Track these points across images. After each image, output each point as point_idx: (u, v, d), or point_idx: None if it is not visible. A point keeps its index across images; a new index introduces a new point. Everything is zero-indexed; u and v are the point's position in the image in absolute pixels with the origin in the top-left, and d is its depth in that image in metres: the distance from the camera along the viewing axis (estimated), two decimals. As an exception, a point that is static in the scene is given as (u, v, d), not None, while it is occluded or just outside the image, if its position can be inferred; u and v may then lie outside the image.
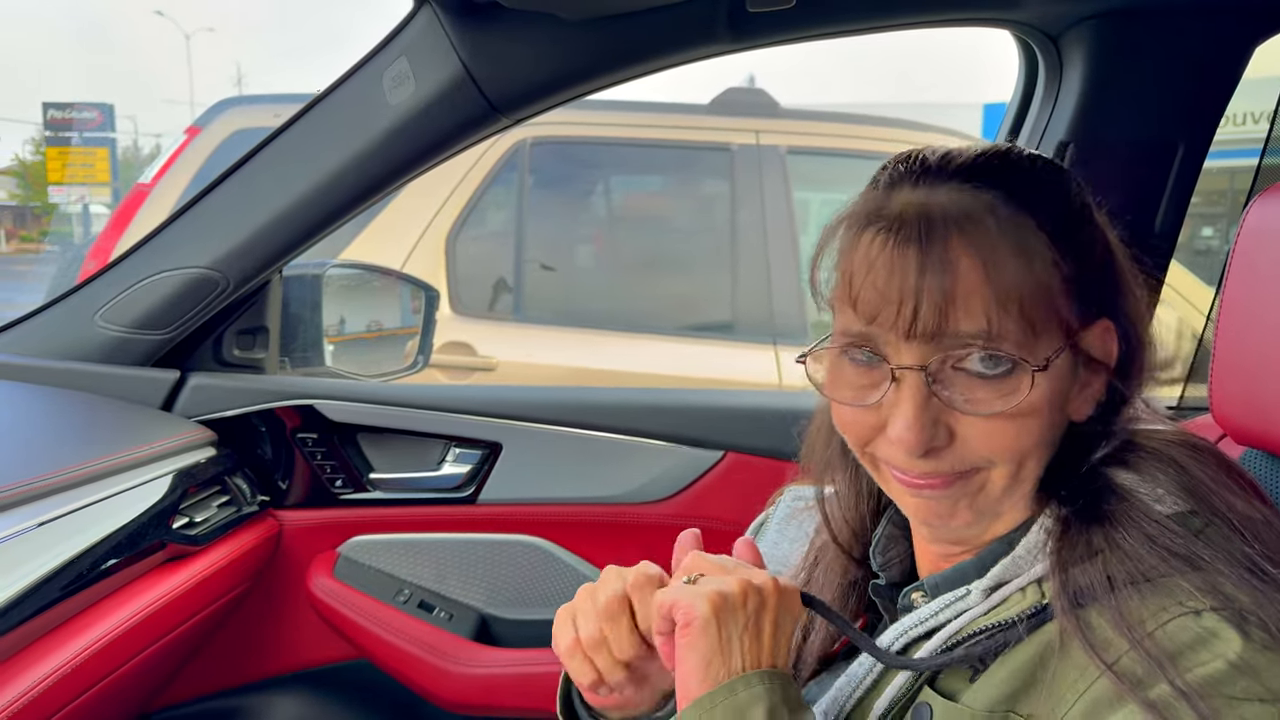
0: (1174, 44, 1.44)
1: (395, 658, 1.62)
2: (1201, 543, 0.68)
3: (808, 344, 0.79)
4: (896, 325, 0.70)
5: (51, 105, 19.65)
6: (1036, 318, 0.71)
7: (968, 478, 0.74)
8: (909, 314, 0.70)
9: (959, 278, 0.69)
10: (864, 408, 0.74)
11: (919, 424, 0.71)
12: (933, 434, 0.71)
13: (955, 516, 0.75)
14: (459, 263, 3.57)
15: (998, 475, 0.73)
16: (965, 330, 0.70)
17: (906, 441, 0.71)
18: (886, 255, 0.71)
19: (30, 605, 1.08)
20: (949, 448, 0.72)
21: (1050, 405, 0.73)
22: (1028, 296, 0.70)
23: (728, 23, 1.36)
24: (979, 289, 0.69)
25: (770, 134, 3.71)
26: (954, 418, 0.72)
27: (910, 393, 0.71)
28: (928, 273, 0.69)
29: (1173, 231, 1.52)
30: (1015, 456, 0.73)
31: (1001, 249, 0.70)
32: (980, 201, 0.72)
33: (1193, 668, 0.62)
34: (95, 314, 1.59)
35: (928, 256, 0.70)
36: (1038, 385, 0.71)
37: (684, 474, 1.65)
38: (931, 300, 0.69)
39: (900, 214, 0.72)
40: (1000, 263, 0.70)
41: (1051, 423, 0.74)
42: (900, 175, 0.77)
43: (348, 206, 1.51)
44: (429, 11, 1.38)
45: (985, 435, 0.72)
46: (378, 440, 1.68)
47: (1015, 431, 0.72)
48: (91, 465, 1.29)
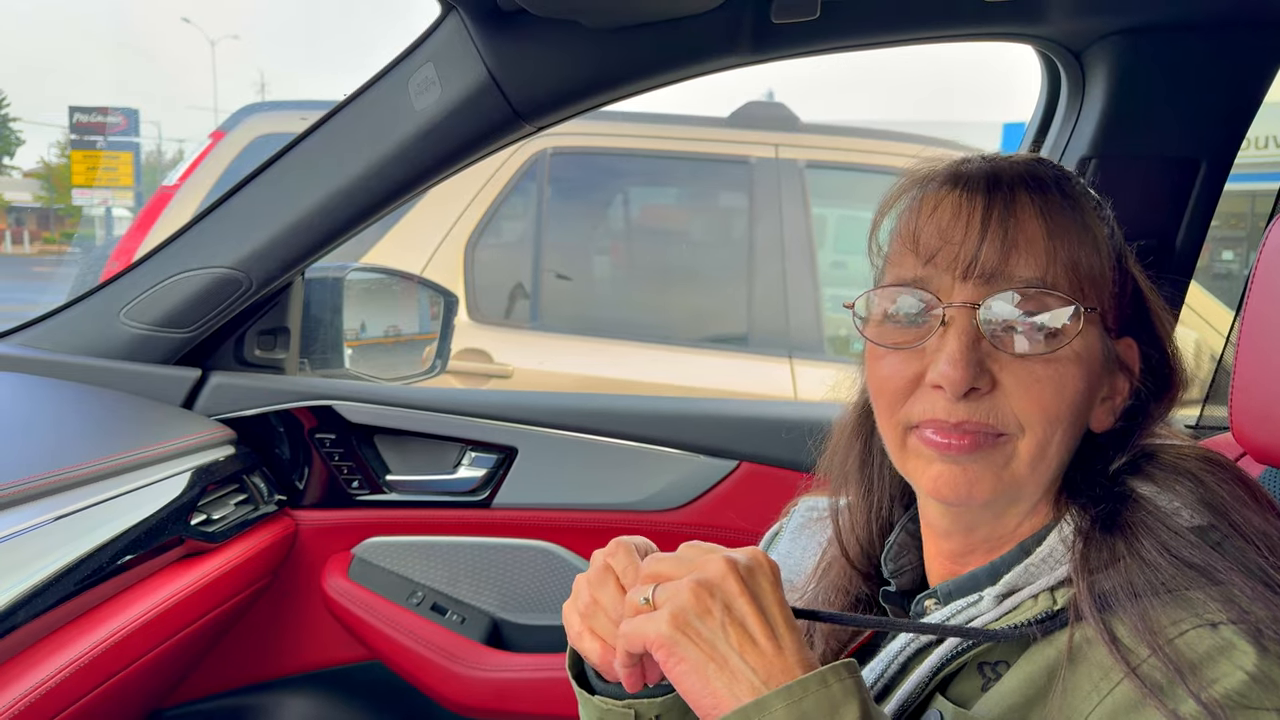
0: (1198, 60, 1.44)
1: (407, 659, 1.63)
2: (1219, 556, 0.69)
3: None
4: (955, 264, 0.73)
5: (77, 109, 19.93)
6: (1087, 284, 0.73)
7: (996, 445, 0.73)
8: (969, 253, 0.73)
9: (1022, 226, 0.73)
10: (907, 354, 0.75)
11: (964, 360, 0.71)
12: (976, 374, 0.72)
13: (976, 489, 0.74)
14: (477, 270, 3.59)
15: (1024, 447, 0.73)
16: (1022, 275, 0.72)
17: (950, 377, 0.72)
18: (953, 200, 0.75)
19: (48, 598, 1.09)
20: (989, 395, 0.73)
21: (1087, 372, 0.74)
22: (1083, 261, 0.73)
23: (752, 33, 1.37)
24: (1040, 240, 0.73)
25: (789, 148, 3.72)
26: (999, 365, 0.73)
27: (959, 330, 0.73)
28: (994, 216, 0.73)
29: (1194, 249, 1.52)
30: (1047, 420, 0.73)
31: (1064, 214, 0.74)
32: (1047, 172, 0.76)
33: (1214, 681, 0.62)
34: (119, 311, 1.61)
35: (994, 203, 0.74)
36: (1085, 333, 0.73)
37: (698, 483, 1.65)
38: (994, 242, 0.72)
39: (969, 173, 0.76)
40: (1062, 224, 0.74)
41: (1082, 394, 0.74)
42: (967, 157, 0.80)
43: (371, 210, 1.53)
44: (456, 18, 1.40)
45: (1026, 386, 0.72)
46: (395, 442, 1.69)
47: (1055, 387, 0.73)
48: (112, 461, 1.31)
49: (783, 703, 0.64)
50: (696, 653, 0.67)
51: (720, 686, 0.66)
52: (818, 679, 0.65)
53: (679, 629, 0.67)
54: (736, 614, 0.68)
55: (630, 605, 0.72)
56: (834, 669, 0.66)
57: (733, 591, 0.68)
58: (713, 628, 0.67)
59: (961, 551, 0.81)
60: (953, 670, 0.75)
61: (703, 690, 0.67)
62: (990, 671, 0.73)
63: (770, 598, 0.69)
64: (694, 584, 0.68)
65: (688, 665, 0.67)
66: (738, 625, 0.67)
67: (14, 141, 47.64)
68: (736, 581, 0.68)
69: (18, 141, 47.91)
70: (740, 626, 0.67)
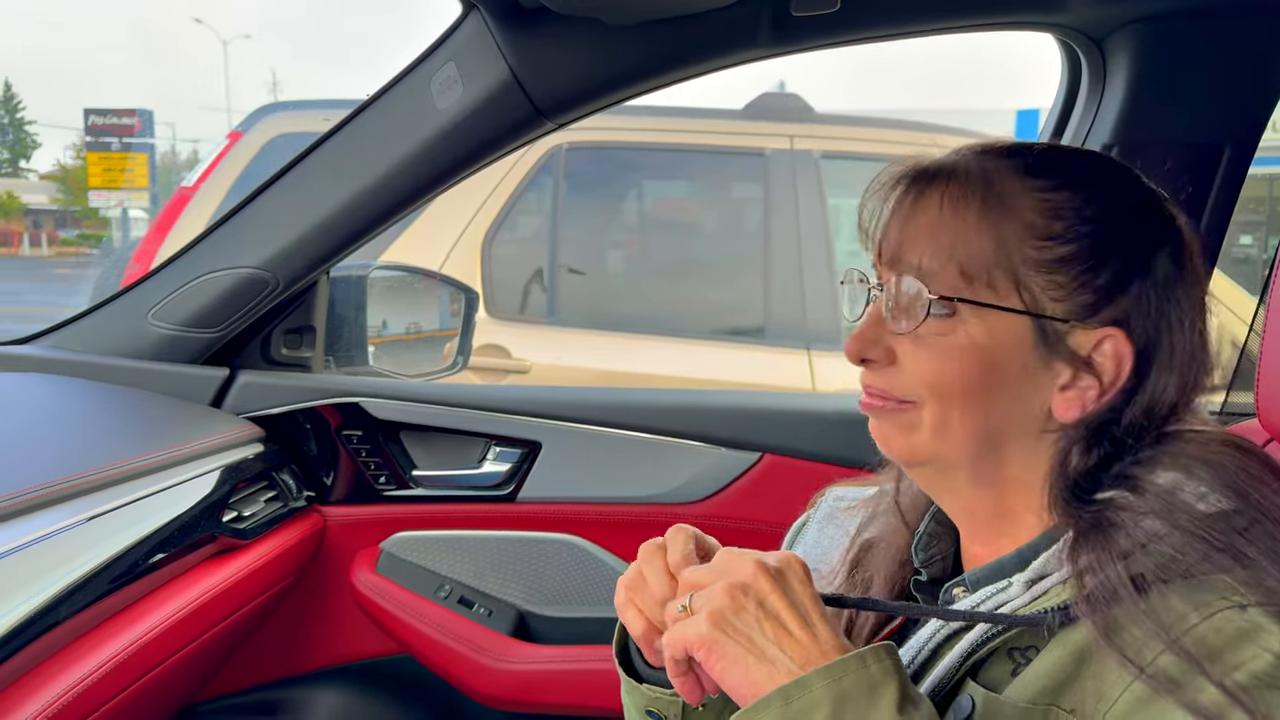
0: (1220, 46, 1.43)
1: (436, 652, 1.65)
2: (1245, 540, 0.69)
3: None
4: (874, 250, 0.83)
5: (93, 111, 20.04)
6: (974, 273, 0.77)
7: (898, 408, 0.80)
8: (878, 236, 0.83)
9: (917, 216, 0.80)
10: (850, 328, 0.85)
11: (858, 334, 0.82)
12: (867, 346, 0.81)
13: (890, 444, 0.82)
14: (494, 266, 3.60)
15: (926, 415, 0.79)
16: (911, 261, 0.79)
17: (847, 348, 0.82)
18: (884, 193, 0.84)
19: (86, 596, 1.11)
20: (888, 367, 0.81)
21: (979, 356, 0.77)
22: (964, 251, 0.77)
23: (771, 26, 1.38)
24: (929, 229, 0.79)
25: (804, 139, 3.71)
26: (896, 341, 0.80)
27: (871, 308, 0.83)
28: (903, 206, 0.81)
29: (1217, 237, 1.51)
30: (938, 394, 0.78)
31: (963, 205, 0.78)
32: (969, 166, 0.80)
33: (1241, 664, 0.62)
34: (148, 312, 1.63)
35: (905, 195, 0.82)
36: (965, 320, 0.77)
37: (721, 475, 1.66)
38: (896, 230, 0.81)
39: (912, 168, 0.83)
40: (955, 214, 0.78)
41: (975, 377, 0.77)
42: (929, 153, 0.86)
43: (395, 209, 1.54)
44: (477, 17, 1.41)
45: (913, 363, 0.79)
46: (420, 438, 1.71)
47: (937, 368, 0.78)
48: (143, 460, 1.32)
49: (822, 681, 0.66)
50: (736, 648, 0.69)
51: (760, 676, 0.68)
52: (857, 659, 0.66)
53: (717, 627, 0.70)
54: (770, 609, 0.70)
55: (670, 616, 0.74)
56: (873, 650, 0.67)
57: (764, 589, 0.71)
58: (749, 623, 0.70)
59: (967, 530, 0.85)
60: (983, 656, 0.75)
61: (744, 681, 0.68)
62: (1020, 656, 0.74)
63: (801, 594, 0.72)
64: (727, 586, 0.71)
65: (728, 660, 0.69)
66: (772, 619, 0.70)
67: (30, 145, 48.04)
68: (767, 580, 0.71)
69: (34, 145, 48.31)
70: (775, 620, 0.70)
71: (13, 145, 47.45)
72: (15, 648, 0.99)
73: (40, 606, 1.03)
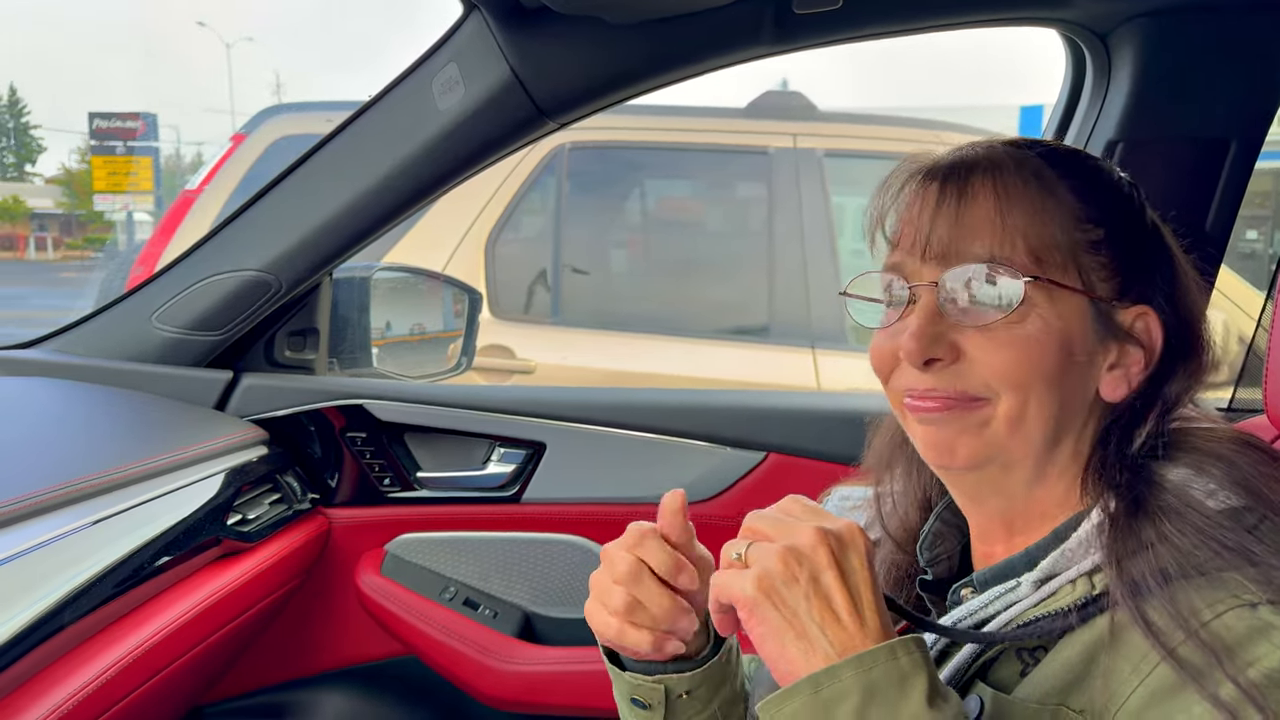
0: (1225, 41, 1.42)
1: (441, 654, 1.64)
2: (1255, 538, 0.69)
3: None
4: (915, 244, 0.79)
5: (97, 115, 20.09)
6: (1045, 256, 0.76)
7: (969, 407, 0.77)
8: (925, 232, 0.79)
9: (975, 207, 0.78)
10: (889, 329, 0.82)
11: (920, 333, 0.77)
12: (933, 344, 0.77)
13: (958, 449, 0.78)
14: (498, 266, 3.60)
15: (1001, 410, 0.76)
16: (974, 251, 0.77)
17: (908, 349, 0.77)
18: (915, 188, 0.82)
19: (92, 599, 1.11)
20: (953, 365, 0.77)
21: (1057, 342, 0.76)
22: (1035, 234, 0.77)
23: (774, 24, 1.37)
24: (990, 218, 0.78)
25: (807, 137, 3.70)
26: (962, 336, 0.77)
27: (921, 306, 0.79)
28: (948, 198, 0.79)
29: (1224, 232, 1.50)
30: (1016, 385, 0.76)
31: (1020, 192, 0.78)
32: (1012, 156, 0.80)
33: (1254, 661, 0.62)
34: (152, 315, 1.63)
35: (947, 187, 0.79)
36: (1046, 301, 0.76)
37: (726, 475, 1.65)
38: (946, 221, 0.78)
39: (936, 163, 0.82)
40: (1015, 202, 0.77)
41: (1054, 362, 0.76)
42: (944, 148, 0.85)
43: (398, 210, 1.54)
44: (478, 17, 1.40)
45: (988, 354, 0.76)
46: (425, 440, 1.71)
47: (1016, 357, 0.76)
48: (148, 463, 1.32)
49: (852, 671, 0.65)
50: (778, 618, 0.67)
51: (796, 654, 0.67)
52: (887, 651, 0.65)
53: (764, 592, 0.68)
54: (823, 586, 0.67)
55: (724, 557, 0.73)
56: (903, 642, 0.66)
57: (821, 563, 0.68)
58: (796, 596, 0.67)
59: (985, 531, 0.83)
60: (992, 656, 0.75)
61: (779, 655, 0.67)
62: (1029, 657, 0.74)
63: (860, 575, 0.69)
64: (784, 550, 0.68)
65: (767, 629, 0.68)
66: (822, 598, 0.67)
67: (35, 149, 48.20)
68: (827, 553, 0.68)
69: (39, 149, 48.47)
70: (824, 599, 0.67)
71: (18, 149, 47.63)
72: (22, 651, 0.99)
73: (47, 610, 1.03)
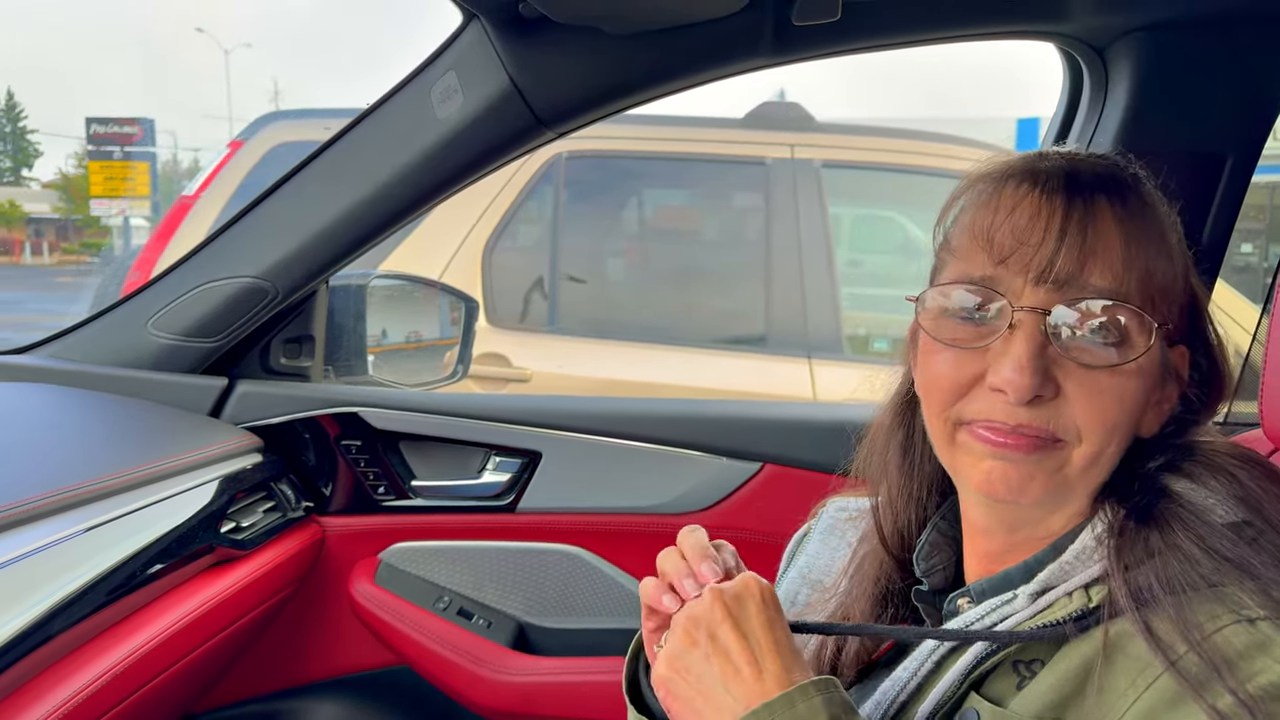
0: (1222, 55, 1.43)
1: (434, 664, 1.64)
2: (1254, 551, 0.69)
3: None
4: (1029, 267, 0.72)
5: (94, 120, 20.07)
6: (1159, 296, 0.73)
7: (1051, 449, 0.73)
8: (1045, 257, 0.71)
9: (1100, 234, 0.72)
10: (966, 353, 0.74)
11: (1032, 367, 0.70)
12: (1042, 382, 0.71)
13: (1029, 488, 0.73)
14: (495, 275, 3.60)
15: (1079, 455, 0.73)
16: (1096, 284, 0.71)
17: (1016, 384, 0.70)
18: (1032, 200, 0.73)
19: (83, 607, 1.10)
20: (1052, 402, 0.72)
21: (1148, 384, 0.74)
22: (1158, 272, 0.73)
23: (773, 36, 1.37)
24: (1117, 249, 0.72)
25: (805, 147, 3.71)
26: (1064, 373, 0.72)
27: (1026, 335, 0.71)
28: (1073, 220, 0.71)
29: (1220, 245, 1.51)
30: (1105, 430, 0.72)
31: (1142, 221, 0.73)
32: (1126, 174, 0.76)
33: (1252, 676, 0.62)
34: (147, 322, 1.63)
35: (1073, 207, 0.72)
36: (1153, 347, 0.72)
37: (722, 485, 1.65)
38: (1072, 248, 0.71)
39: (1049, 170, 0.75)
40: (1140, 232, 0.73)
41: (1141, 405, 0.74)
42: (1045, 151, 0.79)
43: (395, 218, 1.54)
44: (477, 26, 1.41)
45: (1089, 396, 0.72)
46: (420, 448, 1.70)
47: (1117, 399, 0.72)
48: (141, 470, 1.32)
49: None
50: (687, 689, 0.70)
51: (710, 718, 0.69)
52: (784, 700, 0.67)
53: (672, 668, 0.71)
54: (721, 644, 0.70)
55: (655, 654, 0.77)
56: (801, 689, 0.68)
57: (716, 620, 0.71)
58: (699, 660, 0.70)
59: (1001, 551, 0.81)
60: (988, 669, 0.75)
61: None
62: (1025, 670, 0.73)
63: (755, 622, 0.71)
64: (684, 620, 0.72)
65: (681, 702, 0.71)
66: (721, 655, 0.70)
67: (32, 153, 48.18)
68: (721, 610, 0.71)
69: (36, 153, 48.45)
70: (724, 656, 0.70)
71: (14, 154, 47.60)
72: (13, 659, 0.98)
73: (38, 617, 1.03)
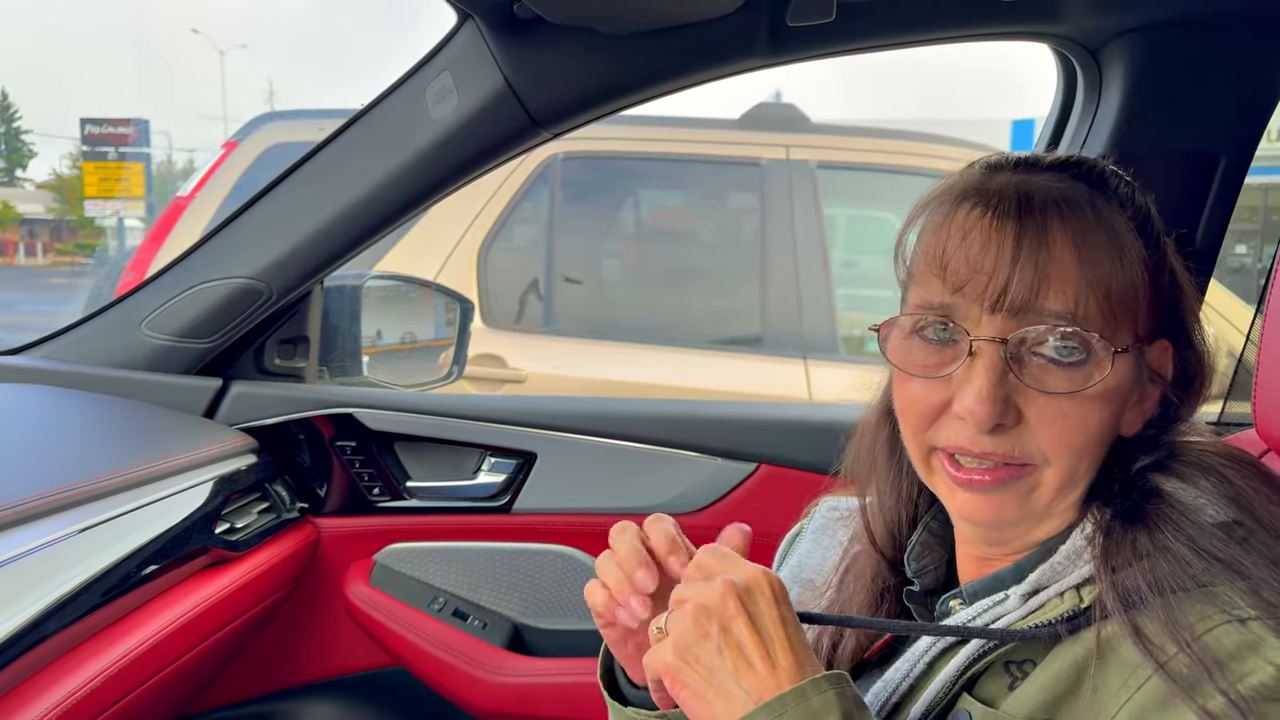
0: (1216, 56, 1.43)
1: (429, 665, 1.63)
2: (1245, 551, 0.69)
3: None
4: (984, 296, 0.72)
5: (88, 120, 19.99)
6: (1119, 310, 0.72)
7: (1020, 476, 0.74)
8: (999, 285, 0.71)
9: (1054, 257, 0.71)
10: (934, 380, 0.74)
11: (991, 396, 0.71)
12: (1003, 410, 0.71)
13: (1003, 514, 0.75)
14: (490, 275, 3.60)
15: (1050, 476, 0.73)
16: (1052, 308, 0.71)
17: (977, 414, 0.71)
18: (983, 227, 0.73)
19: (77, 608, 1.10)
20: (1014, 429, 0.72)
21: (1114, 401, 0.74)
22: (1115, 288, 0.72)
23: (768, 37, 1.38)
24: (1072, 270, 0.71)
25: (800, 149, 3.71)
26: (1025, 399, 0.72)
27: (986, 365, 0.72)
28: (1024, 247, 0.71)
29: (1214, 246, 1.51)
30: (1072, 453, 0.73)
31: (1096, 237, 0.72)
32: (1078, 190, 0.74)
33: (1244, 676, 0.62)
34: (141, 322, 1.62)
35: (1024, 232, 0.71)
36: (1115, 369, 0.71)
37: (717, 486, 1.65)
38: (1025, 274, 0.70)
39: (1000, 191, 0.74)
40: (1094, 250, 0.72)
41: (1108, 424, 0.74)
42: (997, 163, 0.79)
43: (390, 219, 1.54)
44: (472, 26, 1.41)
45: (1050, 422, 0.72)
46: (415, 449, 1.70)
47: (1080, 423, 0.72)
48: (135, 471, 1.32)
49: (763, 717, 0.66)
50: (697, 679, 0.69)
51: (720, 710, 0.68)
52: (796, 694, 0.66)
53: (681, 657, 0.69)
54: (733, 636, 0.69)
55: (651, 638, 0.74)
56: (814, 682, 0.67)
57: (729, 613, 0.69)
58: (710, 652, 0.69)
59: (991, 557, 0.81)
60: (979, 670, 0.75)
61: (705, 715, 0.69)
62: (1017, 670, 0.73)
63: (768, 617, 0.70)
64: (695, 609, 0.70)
65: (690, 692, 0.69)
66: (734, 648, 0.69)
67: (26, 154, 48.04)
68: (735, 602, 0.70)
69: (30, 154, 48.30)
70: (736, 649, 0.69)
71: (8, 154, 47.47)
72: (7, 660, 0.98)
73: (32, 619, 1.02)
